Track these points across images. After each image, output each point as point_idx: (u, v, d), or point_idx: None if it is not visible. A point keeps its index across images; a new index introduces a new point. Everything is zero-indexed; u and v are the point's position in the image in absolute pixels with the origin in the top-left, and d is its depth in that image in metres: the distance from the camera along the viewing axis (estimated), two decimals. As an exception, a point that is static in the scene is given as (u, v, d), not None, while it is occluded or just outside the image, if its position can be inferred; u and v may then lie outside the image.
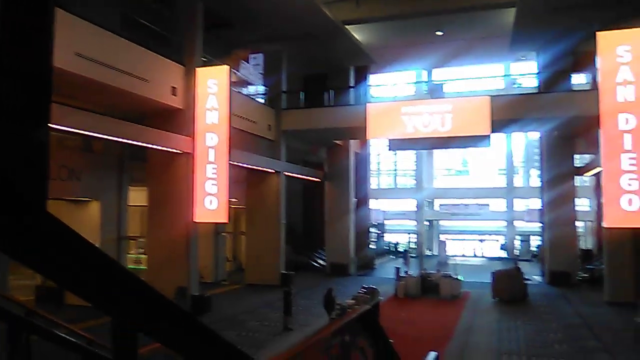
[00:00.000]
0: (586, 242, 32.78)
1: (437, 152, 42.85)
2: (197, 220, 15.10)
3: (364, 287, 14.00)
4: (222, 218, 15.01)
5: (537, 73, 21.55)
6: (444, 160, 45.45)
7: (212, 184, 14.89)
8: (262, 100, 21.28)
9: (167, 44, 16.22)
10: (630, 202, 11.65)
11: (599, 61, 12.50)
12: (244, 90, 20.45)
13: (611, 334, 11.96)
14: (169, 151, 14.62)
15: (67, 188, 14.04)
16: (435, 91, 20.95)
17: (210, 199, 14.90)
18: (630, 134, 11.80)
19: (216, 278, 20.65)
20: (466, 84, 30.30)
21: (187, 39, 15.51)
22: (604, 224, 12.42)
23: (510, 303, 16.08)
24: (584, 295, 17.68)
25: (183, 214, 15.01)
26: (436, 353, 6.83)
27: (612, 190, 12.01)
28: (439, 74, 29.47)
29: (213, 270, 20.61)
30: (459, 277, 17.91)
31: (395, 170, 44.55)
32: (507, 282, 17.09)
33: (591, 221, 31.65)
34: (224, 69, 15.31)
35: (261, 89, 21.76)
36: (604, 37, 12.51)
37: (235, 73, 19.58)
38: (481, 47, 24.86)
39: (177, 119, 15.12)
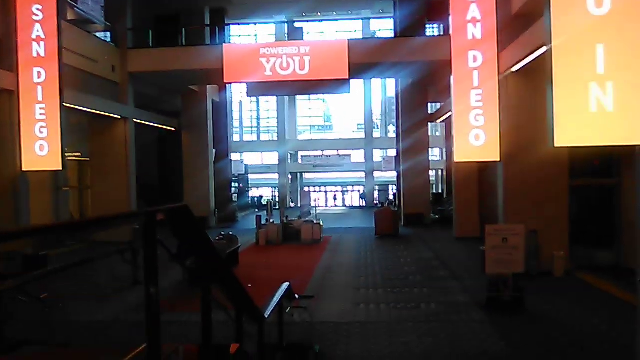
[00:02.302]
0: (437, 188, 35.02)
1: (300, 107, 42.79)
2: (25, 169, 13.13)
3: (221, 234, 13.21)
4: (56, 165, 13.18)
5: (393, 17, 21.80)
6: (307, 115, 45.62)
7: (42, 127, 12.96)
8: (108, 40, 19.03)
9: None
10: (477, 137, 12.09)
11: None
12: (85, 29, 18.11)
13: (459, 264, 12.54)
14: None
15: None
16: (295, 33, 20.27)
17: (41, 144, 12.98)
18: (478, 71, 12.17)
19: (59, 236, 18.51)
20: (326, 33, 30.07)
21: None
22: (455, 159, 12.84)
23: (366, 244, 16.40)
24: (436, 233, 18.63)
25: (7, 162, 12.93)
26: (288, 283, 6.35)
27: (462, 127, 12.38)
28: (299, 23, 28.86)
29: (54, 228, 18.39)
30: (320, 222, 17.83)
31: (258, 124, 43.81)
32: (386, 218, 18.47)
33: (442, 169, 33.79)
34: (51, -8, 13.16)
35: (104, 28, 19.45)
36: (455, -25, 12.62)
37: (71, 5, 17.25)
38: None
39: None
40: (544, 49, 10.15)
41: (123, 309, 9.10)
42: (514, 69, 11.68)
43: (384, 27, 33.17)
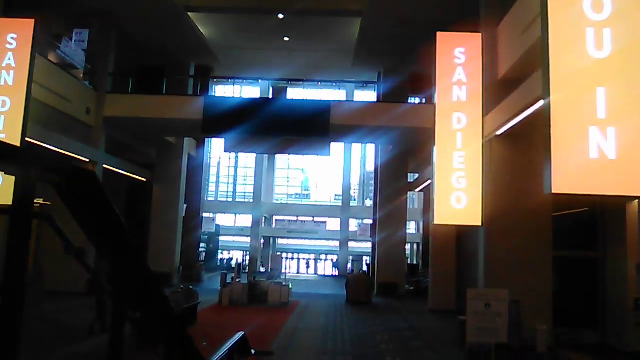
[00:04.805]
0: (412, 261, 34.33)
1: (278, 175, 42.47)
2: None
3: (180, 287, 12.20)
4: (9, 200, 12.18)
5: (376, 86, 21.92)
6: (284, 184, 45.28)
7: None
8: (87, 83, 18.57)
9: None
10: (458, 199, 11.61)
11: (437, 61, 12.52)
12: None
13: (434, 335, 11.68)
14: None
15: None
16: (279, 93, 20.14)
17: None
18: (461, 133, 11.88)
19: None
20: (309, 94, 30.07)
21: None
22: (434, 222, 12.24)
23: (337, 310, 15.41)
24: (410, 304, 17.74)
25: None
26: (242, 332, 5.50)
27: (443, 189, 11.91)
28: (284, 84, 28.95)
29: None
30: (289, 285, 16.82)
31: (235, 189, 43.16)
32: (359, 285, 17.93)
33: (418, 243, 33.25)
34: (29, 22, 12.75)
35: (84, 72, 19.05)
36: (443, 38, 12.64)
37: (54, 47, 16.97)
38: (326, 62, 24.69)
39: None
40: (529, 112, 9.97)
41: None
42: (499, 132, 11.43)
43: (367, 99, 33.57)
